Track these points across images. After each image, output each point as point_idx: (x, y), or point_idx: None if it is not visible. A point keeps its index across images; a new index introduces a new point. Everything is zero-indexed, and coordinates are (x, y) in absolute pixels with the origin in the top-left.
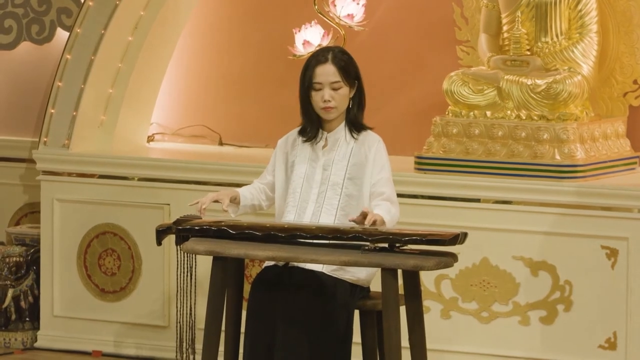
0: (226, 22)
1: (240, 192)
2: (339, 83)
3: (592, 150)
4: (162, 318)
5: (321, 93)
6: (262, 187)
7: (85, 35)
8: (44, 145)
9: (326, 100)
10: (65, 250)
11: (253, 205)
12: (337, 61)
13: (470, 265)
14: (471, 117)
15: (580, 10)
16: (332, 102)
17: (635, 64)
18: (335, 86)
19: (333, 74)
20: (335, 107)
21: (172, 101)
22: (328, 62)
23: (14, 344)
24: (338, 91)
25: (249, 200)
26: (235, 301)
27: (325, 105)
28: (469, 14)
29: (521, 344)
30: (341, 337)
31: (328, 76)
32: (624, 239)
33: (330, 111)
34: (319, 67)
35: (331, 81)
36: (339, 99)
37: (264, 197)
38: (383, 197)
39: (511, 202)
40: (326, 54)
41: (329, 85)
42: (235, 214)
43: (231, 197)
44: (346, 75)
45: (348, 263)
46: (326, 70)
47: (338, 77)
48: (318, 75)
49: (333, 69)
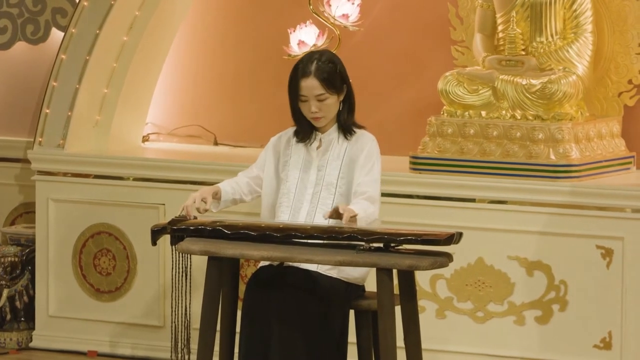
0: (221, 22)
1: (221, 188)
2: (323, 95)
3: (587, 150)
4: (157, 318)
5: (308, 105)
6: (247, 181)
7: (80, 35)
8: (39, 145)
9: (313, 111)
10: (61, 250)
11: (234, 199)
12: (320, 74)
13: (466, 265)
14: (466, 117)
15: (575, 10)
16: (320, 113)
17: (629, 64)
18: (320, 98)
19: (317, 87)
20: (323, 116)
21: (167, 101)
22: (311, 75)
23: (9, 344)
24: (324, 102)
25: (230, 195)
26: (231, 301)
27: (313, 116)
28: (464, 14)
29: (516, 344)
30: (336, 337)
31: (312, 90)
32: (619, 238)
33: (319, 120)
34: (302, 80)
35: (315, 94)
36: (326, 108)
37: (247, 191)
38: (364, 197)
39: (506, 202)
40: (309, 66)
41: (314, 98)
42: (217, 209)
43: (213, 194)
44: (330, 86)
45: (343, 263)
46: (309, 84)
47: (322, 90)
48: (303, 88)
49: (316, 82)
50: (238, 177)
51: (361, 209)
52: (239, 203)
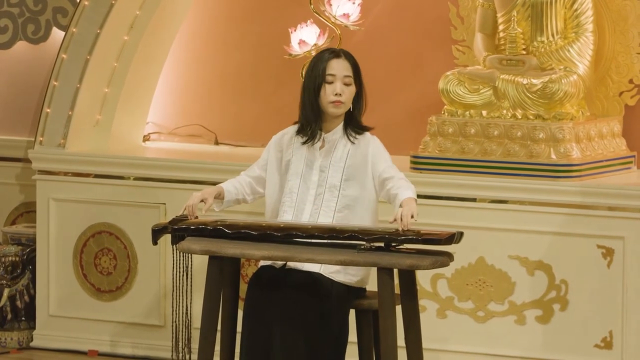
0: (222, 22)
1: (224, 188)
2: (350, 78)
3: (588, 150)
4: (158, 317)
5: (333, 86)
6: (249, 181)
7: (81, 34)
8: (40, 144)
9: (337, 93)
10: (61, 249)
11: (237, 199)
12: (350, 58)
13: (466, 265)
14: (467, 116)
15: (576, 10)
16: (342, 97)
17: (630, 64)
18: (346, 81)
19: (347, 68)
20: (344, 102)
21: (168, 100)
22: (342, 57)
23: (10, 343)
24: (348, 87)
25: (233, 195)
26: (232, 300)
27: (335, 99)
28: (464, 14)
29: (517, 344)
30: (337, 336)
31: (342, 70)
32: (620, 238)
33: (339, 106)
34: (334, 60)
35: (344, 74)
36: (348, 94)
37: (249, 191)
38: (396, 178)
39: (507, 202)
40: (338, 50)
41: (341, 79)
42: (219, 209)
43: (215, 195)
44: (356, 72)
45: (344, 262)
46: (341, 65)
47: (351, 73)
48: (333, 67)
49: (347, 64)
50: (240, 177)
51: (408, 189)
52: (241, 203)
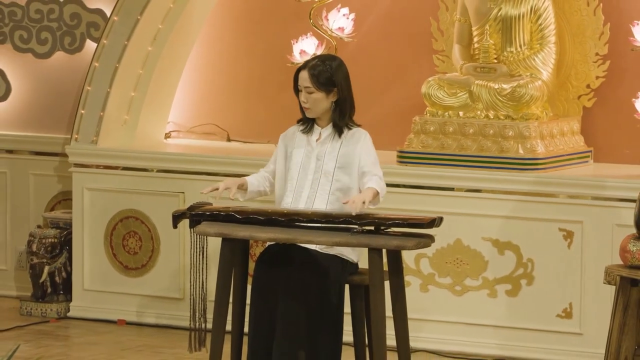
0: (233, 34)
1: (247, 180)
2: (310, 88)
3: (550, 145)
4: (178, 291)
5: (301, 95)
6: (266, 175)
7: (110, 45)
8: (75, 141)
9: (302, 101)
10: (94, 232)
11: (259, 191)
12: (311, 69)
13: (446, 245)
14: (446, 116)
15: (540, 24)
16: (307, 104)
17: (588, 71)
18: (308, 90)
19: (305, 79)
20: (309, 108)
21: (186, 103)
22: (305, 69)
23: (49, 313)
24: (311, 95)
25: (255, 186)
26: (242, 277)
27: (303, 106)
28: (444, 27)
29: (490, 314)
30: (333, 308)
31: (303, 81)
32: (579, 222)
33: (307, 111)
34: (300, 72)
35: (305, 86)
36: (312, 101)
37: (268, 184)
38: (371, 174)
39: (481, 191)
40: (308, 61)
41: (304, 89)
42: (244, 199)
43: (239, 185)
44: (317, 82)
45: (339, 243)
46: (302, 76)
47: (309, 83)
48: (299, 79)
49: (306, 75)
50: (260, 173)
51: (375, 184)
52: (262, 195)
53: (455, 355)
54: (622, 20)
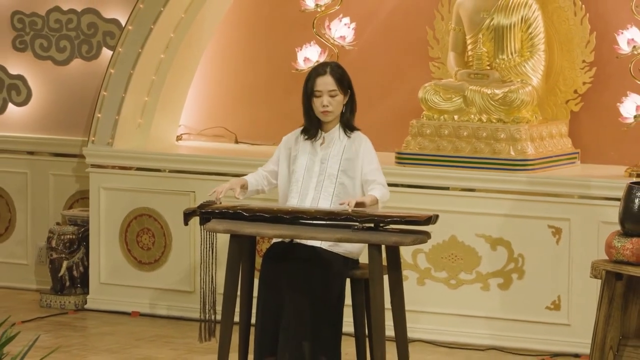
0: (241, 42)
1: (247, 180)
2: (335, 91)
3: (540, 147)
4: (189, 285)
5: (321, 99)
6: (265, 175)
7: (125, 53)
8: (92, 143)
9: (325, 105)
10: (110, 229)
11: (257, 190)
12: (334, 73)
13: (441, 242)
14: (442, 120)
15: (530, 33)
16: (330, 107)
17: (575, 77)
18: (332, 94)
19: (331, 83)
20: (331, 111)
21: (196, 107)
22: (327, 74)
23: (68, 305)
24: (334, 98)
25: (254, 186)
26: (249, 271)
27: (323, 110)
28: (439, 36)
29: (483, 306)
30: (335, 300)
31: (327, 85)
32: (567, 219)
33: (328, 115)
34: (319, 78)
35: (329, 89)
36: (335, 104)
37: (266, 183)
38: (375, 182)
39: (474, 190)
40: (325, 67)
41: (327, 93)
42: (244, 197)
43: (241, 185)
44: (341, 85)
45: (341, 240)
46: (325, 81)
47: (335, 87)
48: (318, 84)
49: (331, 79)
50: (258, 172)
51: (378, 192)
52: (260, 193)
53: (450, 345)
54: (608, 30)
